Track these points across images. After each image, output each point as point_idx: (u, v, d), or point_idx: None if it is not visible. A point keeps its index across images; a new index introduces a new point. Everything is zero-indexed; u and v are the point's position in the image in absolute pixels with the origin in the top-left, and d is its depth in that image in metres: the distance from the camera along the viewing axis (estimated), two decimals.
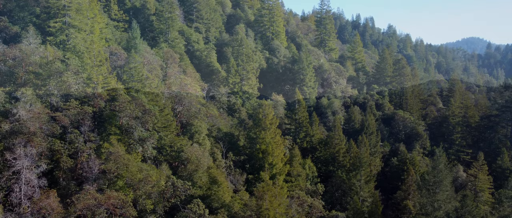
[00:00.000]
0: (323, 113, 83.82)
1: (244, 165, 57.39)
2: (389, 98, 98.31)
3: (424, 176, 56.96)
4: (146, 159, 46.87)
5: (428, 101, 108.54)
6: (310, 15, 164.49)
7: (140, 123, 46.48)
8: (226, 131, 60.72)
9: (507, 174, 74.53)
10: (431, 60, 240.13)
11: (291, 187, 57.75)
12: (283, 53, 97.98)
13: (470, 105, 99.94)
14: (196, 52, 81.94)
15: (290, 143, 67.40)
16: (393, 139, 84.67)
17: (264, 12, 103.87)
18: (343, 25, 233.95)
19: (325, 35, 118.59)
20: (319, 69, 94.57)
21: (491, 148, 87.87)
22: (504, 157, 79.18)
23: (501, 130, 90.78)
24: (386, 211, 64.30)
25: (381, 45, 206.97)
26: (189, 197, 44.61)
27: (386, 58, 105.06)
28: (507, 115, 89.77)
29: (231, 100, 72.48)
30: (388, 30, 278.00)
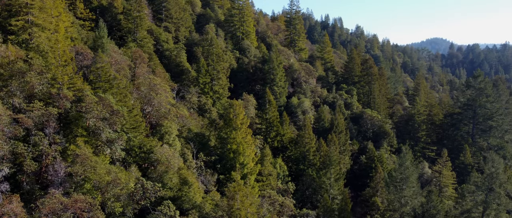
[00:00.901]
0: (293, 112, 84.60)
1: (215, 165, 57.17)
2: (358, 97, 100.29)
3: (392, 173, 58.44)
4: (115, 160, 45.85)
5: (395, 100, 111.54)
6: (280, 15, 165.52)
7: (108, 124, 45.40)
8: (197, 131, 60.29)
9: (469, 169, 77.63)
10: (398, 60, 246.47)
11: (262, 186, 58.05)
12: (253, 53, 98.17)
13: (434, 104, 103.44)
14: (165, 52, 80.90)
15: (261, 143, 67.68)
16: (361, 137, 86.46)
17: (234, 12, 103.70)
18: (313, 26, 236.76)
19: (295, 35, 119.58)
20: (289, 69, 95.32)
21: (454, 144, 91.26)
22: (466, 153, 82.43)
23: (464, 127, 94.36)
24: (355, 208, 65.67)
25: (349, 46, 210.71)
26: (159, 198, 44.02)
27: (354, 58, 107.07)
28: (469, 113, 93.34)
29: (202, 100, 71.98)
30: (356, 30, 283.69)
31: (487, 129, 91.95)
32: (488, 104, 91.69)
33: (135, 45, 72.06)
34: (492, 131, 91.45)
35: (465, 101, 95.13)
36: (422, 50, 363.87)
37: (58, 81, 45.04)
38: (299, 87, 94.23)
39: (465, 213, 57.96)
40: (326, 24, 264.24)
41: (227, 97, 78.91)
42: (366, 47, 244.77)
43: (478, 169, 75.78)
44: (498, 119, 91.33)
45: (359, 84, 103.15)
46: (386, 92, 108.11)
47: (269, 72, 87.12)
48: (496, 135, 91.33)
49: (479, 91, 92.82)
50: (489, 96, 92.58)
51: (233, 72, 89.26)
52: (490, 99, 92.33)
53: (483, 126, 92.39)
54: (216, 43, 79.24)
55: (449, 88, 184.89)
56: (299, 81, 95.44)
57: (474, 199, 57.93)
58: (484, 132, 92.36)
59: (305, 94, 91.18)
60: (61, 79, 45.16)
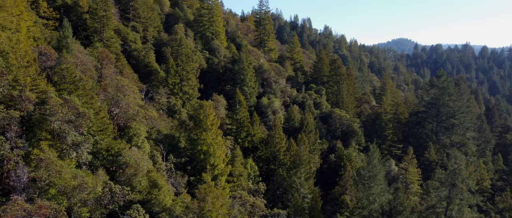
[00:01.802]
0: (263, 112, 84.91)
1: (186, 167, 56.62)
2: (326, 97, 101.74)
3: (360, 171, 59.53)
4: (81, 164, 44.60)
5: (363, 100, 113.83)
6: (250, 16, 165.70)
7: (74, 126, 44.10)
8: (166, 133, 59.49)
9: (433, 166, 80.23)
10: (365, 60, 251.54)
11: (233, 187, 57.94)
12: (223, 53, 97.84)
13: (400, 103, 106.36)
14: (133, 52, 79.39)
15: (231, 143, 67.56)
16: (330, 136, 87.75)
17: (203, 12, 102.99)
18: (282, 26, 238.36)
19: (265, 36, 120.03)
20: (259, 69, 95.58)
21: (419, 142, 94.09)
22: (431, 151, 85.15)
23: (428, 125, 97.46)
24: (325, 206, 66.57)
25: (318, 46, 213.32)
26: (128, 202, 43.16)
27: (323, 58, 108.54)
28: (433, 111, 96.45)
29: (171, 101, 71.12)
30: (325, 31, 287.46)
31: (450, 126, 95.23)
32: (450, 103, 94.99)
33: (101, 45, 70.34)
34: (454, 129, 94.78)
35: (429, 100, 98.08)
36: (388, 50, 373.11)
37: (20, 83, 43.39)
38: (269, 88, 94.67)
39: (430, 209, 59.87)
40: (295, 24, 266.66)
41: (197, 98, 78.31)
42: (335, 48, 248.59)
43: (441, 165, 78.38)
44: (460, 117, 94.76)
45: (328, 84, 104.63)
46: (354, 92, 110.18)
47: (239, 73, 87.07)
48: (458, 132, 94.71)
49: (442, 90, 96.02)
50: (452, 95, 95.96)
51: (203, 72, 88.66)
52: (453, 98, 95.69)
53: (446, 123, 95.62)
54: (185, 43, 78.44)
55: (414, 88, 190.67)
56: (269, 82, 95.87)
57: (438, 194, 59.88)
58: (447, 129, 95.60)
59: (275, 95, 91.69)
60: (23, 81, 43.52)
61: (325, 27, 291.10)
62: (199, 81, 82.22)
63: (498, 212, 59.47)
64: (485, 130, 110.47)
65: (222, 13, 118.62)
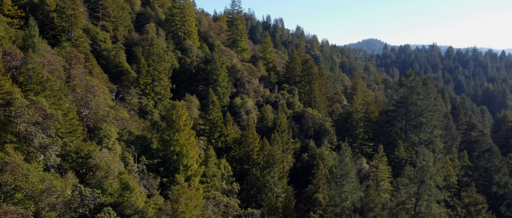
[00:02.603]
0: (237, 112, 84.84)
1: (158, 168, 55.87)
2: (299, 96, 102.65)
3: (332, 170, 60.32)
4: (49, 167, 43.31)
5: (334, 99, 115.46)
6: (222, 16, 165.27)
7: (41, 128, 42.77)
8: (138, 134, 58.54)
9: (403, 163, 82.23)
10: (336, 60, 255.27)
11: (207, 188, 57.65)
12: (195, 53, 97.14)
13: (371, 102, 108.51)
14: (103, 52, 77.71)
15: (205, 144, 67.21)
16: (303, 135, 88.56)
17: (175, 11, 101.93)
18: (254, 26, 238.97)
19: (237, 36, 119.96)
20: (232, 69, 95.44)
21: (389, 140, 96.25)
22: (400, 148, 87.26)
23: (397, 124, 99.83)
24: (298, 205, 67.18)
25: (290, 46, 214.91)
26: (99, 205, 42.23)
27: (295, 58, 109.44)
28: (402, 110, 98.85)
29: (143, 102, 70.02)
30: (297, 31, 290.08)
31: (418, 124, 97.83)
32: (418, 102, 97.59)
33: (70, 45, 68.50)
34: (422, 127, 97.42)
35: (398, 99, 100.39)
36: (358, 50, 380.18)
37: None
38: (242, 88, 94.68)
39: (400, 205, 61.36)
40: (268, 24, 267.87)
41: (170, 98, 77.44)
42: (307, 48, 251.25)
43: (411, 162, 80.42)
44: (428, 115, 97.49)
45: (300, 84, 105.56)
46: (326, 91, 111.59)
47: (212, 73, 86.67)
48: (426, 130, 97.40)
49: (410, 89, 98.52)
50: (420, 94, 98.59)
51: (175, 72, 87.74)
52: (421, 97, 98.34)
53: (415, 122, 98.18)
54: (157, 43, 77.40)
55: (384, 87, 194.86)
56: (242, 82, 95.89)
57: (408, 191, 61.44)
58: (416, 127, 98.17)
59: (248, 95, 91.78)
60: None
61: (297, 28, 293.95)
62: (172, 82, 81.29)
63: (464, 207, 61.56)
64: (451, 128, 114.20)
65: (194, 12, 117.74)
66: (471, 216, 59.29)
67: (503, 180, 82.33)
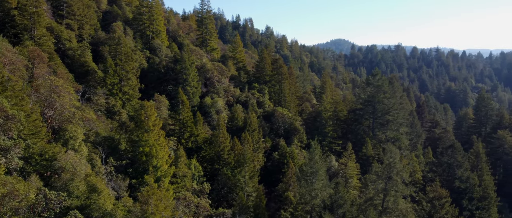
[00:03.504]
0: (207, 112, 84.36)
1: (127, 169, 54.78)
2: (269, 96, 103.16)
3: (302, 168, 60.96)
4: (11, 170, 41.63)
5: (304, 98, 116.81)
6: (191, 15, 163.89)
7: (2, 130, 41.09)
8: (106, 135, 57.19)
9: (371, 160, 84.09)
10: (305, 59, 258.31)
11: (177, 188, 57.02)
12: (164, 52, 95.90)
13: (339, 101, 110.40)
14: (68, 51, 75.46)
15: (174, 144, 66.43)
16: (274, 134, 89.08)
17: (143, 10, 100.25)
18: (224, 26, 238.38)
19: (207, 35, 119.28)
20: (202, 69, 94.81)
21: (357, 138, 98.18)
22: (368, 146, 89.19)
23: (365, 122, 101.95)
24: (269, 204, 67.50)
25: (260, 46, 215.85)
26: (65, 209, 40.96)
27: (265, 58, 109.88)
28: (369, 109, 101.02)
29: (110, 102, 68.43)
30: (266, 31, 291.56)
31: (385, 122, 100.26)
32: (385, 100, 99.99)
33: (32, 43, 66.11)
34: (389, 125, 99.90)
35: (365, 98, 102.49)
36: (327, 50, 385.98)
37: None
38: (212, 87, 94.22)
39: (368, 201, 62.77)
40: (237, 24, 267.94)
41: (138, 98, 76.11)
42: (276, 48, 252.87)
43: (378, 159, 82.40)
44: (394, 113, 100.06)
45: (270, 83, 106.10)
46: (295, 90, 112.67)
47: (182, 72, 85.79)
48: (392, 128, 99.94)
49: (377, 88, 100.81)
50: (386, 92, 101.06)
51: (143, 72, 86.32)
52: (387, 95, 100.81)
53: (382, 120, 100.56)
54: (124, 42, 75.87)
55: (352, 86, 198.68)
56: (212, 81, 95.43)
57: (376, 187, 62.94)
58: (383, 125, 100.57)
59: (218, 94, 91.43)
60: None
61: (266, 28, 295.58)
62: (140, 81, 79.91)
63: (428, 201, 63.65)
64: (416, 125, 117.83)
65: (162, 11, 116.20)
66: (436, 210, 61.37)
67: (465, 174, 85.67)
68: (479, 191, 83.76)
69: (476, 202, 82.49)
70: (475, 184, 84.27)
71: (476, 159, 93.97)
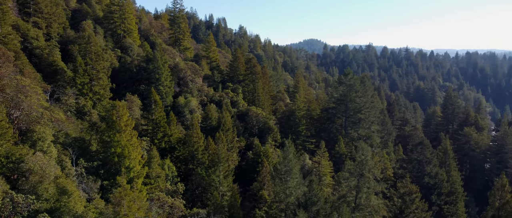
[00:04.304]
0: (180, 112, 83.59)
1: (98, 171, 53.56)
2: (243, 95, 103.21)
3: (277, 166, 61.26)
4: None
5: (277, 97, 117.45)
6: (164, 14, 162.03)
7: None
8: (76, 136, 55.80)
9: (343, 158, 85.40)
10: (278, 59, 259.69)
11: (150, 189, 56.28)
12: (136, 51, 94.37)
13: (312, 100, 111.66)
14: (35, 50, 73.15)
15: (147, 144, 65.53)
16: (248, 133, 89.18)
17: (114, 8, 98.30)
18: (197, 25, 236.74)
19: (180, 34, 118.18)
20: (175, 69, 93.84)
21: (330, 136, 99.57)
22: (341, 144, 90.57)
23: (338, 121, 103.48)
24: (244, 203, 67.57)
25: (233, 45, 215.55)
26: (34, 212, 39.69)
27: (238, 57, 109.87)
28: (342, 107, 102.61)
29: (80, 102, 66.77)
30: (240, 31, 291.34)
31: (357, 121, 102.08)
32: (357, 99, 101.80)
33: None
34: (361, 123, 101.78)
35: (338, 96, 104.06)
36: (300, 50, 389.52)
37: None
38: (186, 87, 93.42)
39: (341, 198, 63.79)
40: (211, 24, 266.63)
41: (109, 98, 74.58)
42: (250, 47, 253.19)
43: (351, 157, 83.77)
44: (366, 112, 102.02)
45: (244, 83, 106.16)
46: (269, 90, 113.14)
47: (154, 72, 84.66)
48: (364, 126, 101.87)
49: (349, 87, 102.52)
50: (358, 91, 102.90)
51: (115, 72, 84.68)
52: (359, 94, 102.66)
53: (354, 118, 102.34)
54: (94, 41, 74.17)
55: (325, 85, 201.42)
56: (186, 81, 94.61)
57: (349, 184, 64.02)
58: (355, 124, 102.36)
59: (192, 94, 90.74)
60: None
61: (240, 27, 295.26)
62: (111, 81, 78.32)
63: (399, 197, 65.16)
64: (387, 123, 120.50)
65: (134, 10, 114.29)
66: (406, 205, 62.91)
67: (434, 171, 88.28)
68: (447, 187, 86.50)
69: (444, 197, 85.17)
70: (443, 179, 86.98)
71: (444, 156, 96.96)
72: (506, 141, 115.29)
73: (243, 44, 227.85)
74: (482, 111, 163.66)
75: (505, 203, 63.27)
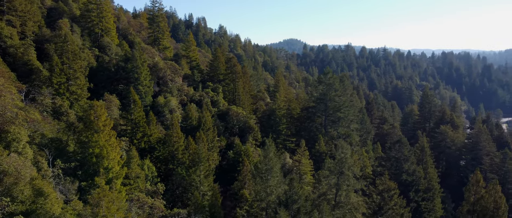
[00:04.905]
0: (160, 111, 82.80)
1: (76, 172, 52.55)
2: (223, 95, 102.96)
3: (257, 165, 61.38)
4: None
5: (258, 97, 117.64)
6: (142, 13, 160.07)
7: None
8: (52, 137, 54.58)
9: (323, 156, 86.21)
10: (259, 59, 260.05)
11: (130, 190, 55.59)
12: (114, 51, 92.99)
13: (293, 99, 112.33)
14: (9, 49, 71.21)
15: (127, 145, 64.65)
16: (228, 133, 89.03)
17: (91, 6, 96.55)
18: (177, 24, 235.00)
19: (159, 34, 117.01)
20: (154, 68, 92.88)
21: (310, 135, 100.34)
22: (321, 143, 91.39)
23: (318, 119, 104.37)
24: (225, 202, 67.46)
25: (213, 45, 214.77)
26: (9, 214, 38.68)
27: (218, 57, 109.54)
28: (321, 106, 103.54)
29: (57, 102, 65.36)
30: (219, 30, 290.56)
31: (337, 119, 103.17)
32: (336, 98, 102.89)
33: None
34: (340, 122, 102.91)
35: (318, 96, 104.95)
36: (280, 50, 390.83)
37: None
38: (165, 86, 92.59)
39: (321, 196, 64.38)
40: (190, 23, 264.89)
41: (87, 98, 73.26)
42: (230, 47, 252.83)
43: (330, 155, 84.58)
44: (345, 111, 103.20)
45: (224, 82, 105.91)
46: (249, 89, 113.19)
47: (133, 71, 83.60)
48: (344, 124, 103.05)
49: (329, 86, 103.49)
50: (337, 90, 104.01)
51: (92, 71, 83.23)
52: (338, 93, 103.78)
53: (333, 117, 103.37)
54: (71, 40, 72.72)
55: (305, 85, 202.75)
56: (165, 80, 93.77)
57: (329, 182, 64.66)
58: (334, 122, 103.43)
59: (171, 93, 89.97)
60: None
61: (220, 27, 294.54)
62: (89, 81, 76.93)
63: (378, 194, 66.23)
64: (366, 122, 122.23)
65: (112, 9, 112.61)
66: (385, 202, 63.98)
67: (411, 168, 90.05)
68: (424, 183, 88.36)
69: (421, 193, 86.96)
70: (420, 176, 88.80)
71: (421, 153, 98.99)
72: (480, 138, 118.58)
73: (223, 44, 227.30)
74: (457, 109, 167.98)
75: (479, 198, 65.03)
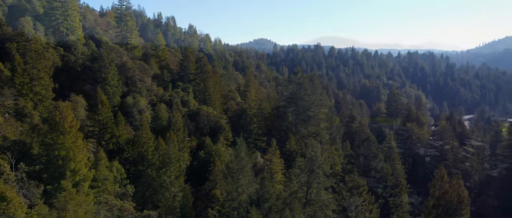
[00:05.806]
0: (129, 112, 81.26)
1: (41, 175, 50.87)
2: (194, 94, 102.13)
3: (229, 165, 61.26)
4: None
5: (229, 96, 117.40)
6: (110, 11, 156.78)
7: None
8: (15, 139, 52.64)
9: (294, 155, 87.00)
10: (229, 58, 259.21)
11: (98, 192, 54.30)
12: (81, 50, 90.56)
13: (263, 98, 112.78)
14: None
15: (94, 146, 63.13)
16: (199, 133, 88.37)
17: (55, 4, 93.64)
18: (145, 24, 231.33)
19: (127, 33, 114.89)
20: (122, 68, 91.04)
21: (281, 134, 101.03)
22: (291, 141, 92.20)
23: (288, 118, 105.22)
24: (196, 203, 66.94)
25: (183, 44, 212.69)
26: None
27: (188, 56, 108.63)
28: (292, 105, 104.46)
29: (20, 103, 62.94)
30: (189, 30, 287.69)
31: (307, 118, 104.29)
32: (306, 97, 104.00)
33: None
34: (310, 120, 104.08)
35: (288, 95, 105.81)
36: (250, 50, 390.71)
37: None
38: (134, 86, 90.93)
39: (293, 194, 64.89)
40: (159, 22, 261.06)
41: (52, 99, 70.91)
42: (200, 46, 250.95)
43: (301, 154, 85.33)
44: (315, 109, 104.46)
45: (194, 82, 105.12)
46: (220, 89, 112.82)
47: (100, 71, 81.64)
48: (313, 123, 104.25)
49: (299, 85, 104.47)
50: (307, 90, 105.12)
51: (58, 71, 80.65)
52: (308, 92, 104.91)
53: (303, 116, 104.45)
54: (35, 39, 70.30)
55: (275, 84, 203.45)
56: (134, 80, 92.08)
57: (299, 180, 65.30)
58: (304, 121, 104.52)
59: (140, 93, 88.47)
60: None
61: (189, 26, 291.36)
62: (54, 81, 74.45)
63: (348, 191, 67.30)
64: (335, 120, 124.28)
65: (78, 7, 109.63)
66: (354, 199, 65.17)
67: (380, 165, 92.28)
68: (392, 179, 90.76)
69: (389, 189, 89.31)
70: (388, 173, 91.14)
71: (389, 150, 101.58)
72: (444, 135, 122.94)
73: (193, 43, 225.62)
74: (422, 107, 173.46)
75: (444, 192, 67.31)
